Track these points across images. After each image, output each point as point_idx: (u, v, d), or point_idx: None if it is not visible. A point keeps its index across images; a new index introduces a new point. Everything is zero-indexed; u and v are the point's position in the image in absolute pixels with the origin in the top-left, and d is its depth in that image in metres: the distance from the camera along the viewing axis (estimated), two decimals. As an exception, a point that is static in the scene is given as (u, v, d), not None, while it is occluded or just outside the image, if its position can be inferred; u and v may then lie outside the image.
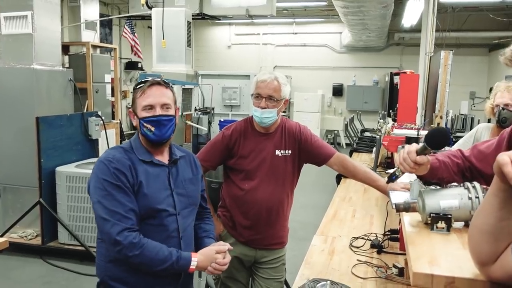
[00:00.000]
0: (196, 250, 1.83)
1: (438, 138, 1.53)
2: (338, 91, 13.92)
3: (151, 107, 1.71)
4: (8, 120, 4.68)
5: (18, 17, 4.55)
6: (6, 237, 4.07)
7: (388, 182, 1.79)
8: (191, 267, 1.65)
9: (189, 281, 1.90)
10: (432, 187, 1.60)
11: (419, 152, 1.50)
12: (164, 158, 1.80)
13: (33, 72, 4.55)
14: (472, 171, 1.59)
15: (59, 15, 4.94)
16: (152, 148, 1.77)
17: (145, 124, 1.71)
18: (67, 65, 5.97)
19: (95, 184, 1.65)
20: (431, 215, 1.45)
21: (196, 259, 1.66)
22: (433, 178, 1.61)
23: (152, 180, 1.71)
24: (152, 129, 1.71)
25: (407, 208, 1.57)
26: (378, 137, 4.64)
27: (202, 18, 9.15)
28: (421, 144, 1.54)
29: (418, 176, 1.63)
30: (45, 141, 4.46)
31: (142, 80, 1.77)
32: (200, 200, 1.94)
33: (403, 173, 1.60)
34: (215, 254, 1.72)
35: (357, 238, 2.70)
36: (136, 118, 1.74)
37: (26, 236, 4.68)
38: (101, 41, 7.93)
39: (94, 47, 6.31)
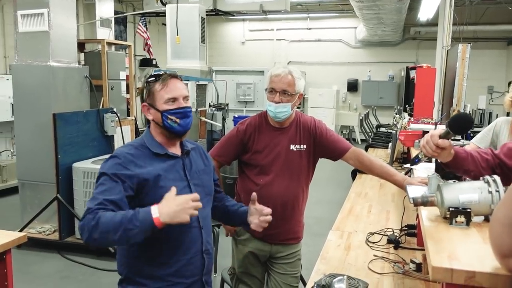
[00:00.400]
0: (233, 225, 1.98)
1: (461, 123, 1.53)
2: (353, 86, 13.81)
3: (174, 99, 1.73)
4: (25, 117, 4.75)
5: (34, 14, 4.60)
6: (24, 232, 4.13)
7: (411, 164, 1.79)
8: (153, 216, 1.49)
9: (212, 269, 1.91)
10: (451, 181, 1.57)
11: (442, 136, 1.50)
12: (176, 150, 1.81)
13: (50, 69, 4.60)
14: (503, 167, 1.58)
15: (74, 13, 4.99)
16: (171, 140, 1.78)
17: (169, 116, 1.71)
18: (83, 62, 6.03)
19: (98, 176, 1.68)
20: (450, 209, 1.42)
21: (155, 206, 1.51)
22: (459, 170, 1.60)
23: (168, 172, 1.71)
24: (178, 120, 1.73)
25: (425, 202, 1.55)
26: (394, 132, 4.58)
27: (216, 14, 9.15)
28: (445, 129, 1.53)
29: (443, 167, 1.61)
30: (62, 138, 4.51)
31: (155, 73, 1.77)
32: (213, 188, 1.95)
33: (426, 156, 1.60)
34: (182, 196, 1.55)
35: (373, 233, 2.68)
36: (155, 111, 1.73)
37: (44, 232, 4.75)
38: (116, 39, 7.98)
39: (109, 44, 6.35)
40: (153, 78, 1.75)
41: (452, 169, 1.61)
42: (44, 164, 4.64)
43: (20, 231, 4.42)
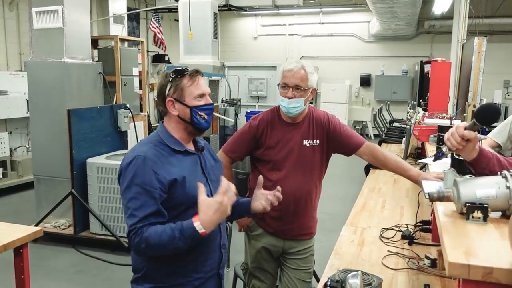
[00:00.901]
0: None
1: (488, 114, 1.49)
2: (366, 81, 13.71)
3: (203, 95, 1.73)
4: (40, 113, 4.80)
5: (49, 11, 4.65)
6: (40, 226, 4.19)
7: (434, 159, 1.75)
8: (200, 231, 1.53)
9: (225, 264, 1.92)
10: (467, 176, 1.55)
11: (467, 128, 1.47)
12: (191, 147, 1.81)
13: (64, 65, 4.65)
14: None
15: (88, 9, 5.02)
16: (192, 137, 1.79)
17: (200, 112, 1.71)
18: (96, 59, 6.07)
19: (125, 186, 1.64)
20: (467, 204, 1.40)
21: (197, 219, 1.54)
22: (484, 169, 1.56)
23: (191, 171, 1.71)
24: (206, 117, 1.74)
25: (441, 197, 1.52)
26: (408, 127, 4.53)
27: (228, 10, 9.15)
28: (471, 122, 1.50)
29: (467, 166, 1.58)
30: (76, 133, 4.56)
31: (178, 69, 1.75)
32: None
33: (450, 150, 1.56)
34: (215, 199, 1.57)
35: (387, 229, 2.66)
36: (183, 107, 1.71)
37: (59, 226, 4.81)
38: (128, 35, 8.02)
39: (122, 40, 6.39)
40: (178, 74, 1.72)
41: (477, 169, 1.56)
42: (59, 159, 4.69)
43: (36, 225, 4.48)
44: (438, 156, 1.68)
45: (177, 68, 1.76)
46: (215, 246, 1.79)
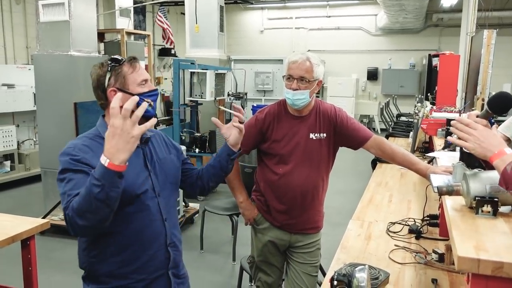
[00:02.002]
0: (223, 175, 1.89)
1: (501, 102, 1.47)
2: (373, 75, 13.63)
3: (146, 81, 1.65)
4: (47, 106, 4.82)
5: (55, 4, 4.65)
6: (47, 219, 4.21)
7: (444, 147, 1.73)
8: (106, 164, 1.32)
9: (180, 262, 1.82)
10: (476, 170, 1.53)
11: (480, 116, 1.45)
12: None
13: (71, 58, 4.65)
14: None
15: (94, 2, 5.02)
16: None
17: (146, 99, 1.58)
18: (102, 52, 6.07)
19: (57, 178, 1.55)
20: (476, 198, 1.39)
21: (103, 155, 1.34)
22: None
23: (129, 165, 1.44)
24: (152, 103, 1.62)
25: (450, 191, 1.51)
26: (416, 121, 4.50)
27: (234, 3, 9.12)
28: (483, 111, 1.48)
29: (480, 162, 1.55)
30: (82, 126, 4.57)
31: (114, 58, 1.64)
32: (180, 175, 1.84)
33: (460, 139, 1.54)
34: (115, 128, 1.34)
35: (394, 223, 2.64)
36: (127, 95, 1.54)
37: (66, 219, 4.83)
38: (135, 28, 8.02)
39: (129, 34, 6.39)
40: (116, 62, 1.62)
41: (488, 162, 1.54)
42: (66, 152, 4.70)
43: (43, 218, 4.51)
44: (449, 143, 1.66)
45: (113, 56, 1.65)
46: (158, 246, 1.68)
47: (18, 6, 8.92)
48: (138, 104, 1.38)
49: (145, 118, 1.48)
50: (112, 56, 1.65)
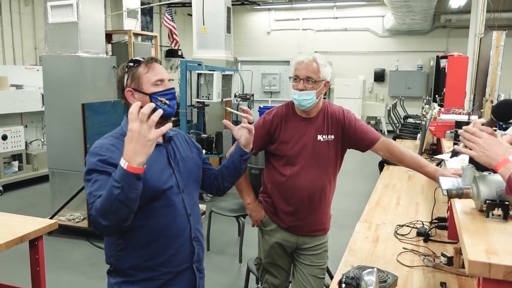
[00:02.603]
0: (238, 175, 1.96)
1: (507, 109, 1.46)
2: (380, 76, 13.58)
3: (161, 81, 1.69)
4: (55, 107, 4.84)
5: (63, 5, 4.67)
6: (55, 219, 4.24)
7: (451, 156, 1.72)
8: (125, 167, 1.38)
9: (203, 257, 1.86)
10: (486, 173, 1.51)
11: (485, 124, 1.44)
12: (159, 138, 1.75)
13: (78, 59, 4.67)
14: None
15: (102, 3, 5.04)
16: (159, 125, 1.60)
17: (160, 98, 1.66)
18: (110, 53, 6.10)
19: (84, 177, 1.61)
20: (487, 201, 1.37)
21: (122, 158, 1.41)
22: None
23: (153, 161, 1.59)
24: (168, 102, 1.68)
25: (460, 194, 1.50)
26: (423, 122, 4.47)
27: (241, 4, 9.12)
28: (488, 119, 1.48)
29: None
30: (90, 127, 4.58)
31: (134, 59, 1.71)
32: (201, 173, 1.90)
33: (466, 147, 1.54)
34: (133, 131, 1.40)
35: (402, 225, 2.62)
36: (142, 95, 1.66)
37: (73, 219, 4.85)
38: (142, 29, 8.05)
39: (136, 35, 6.42)
40: (134, 63, 1.69)
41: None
42: (73, 153, 4.73)
43: (51, 218, 4.53)
44: (455, 153, 1.65)
45: (133, 58, 1.72)
46: (183, 240, 1.73)
47: (27, 8, 8.99)
48: (155, 109, 1.43)
49: (163, 117, 1.55)
50: (132, 58, 1.72)
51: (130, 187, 1.41)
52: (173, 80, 1.84)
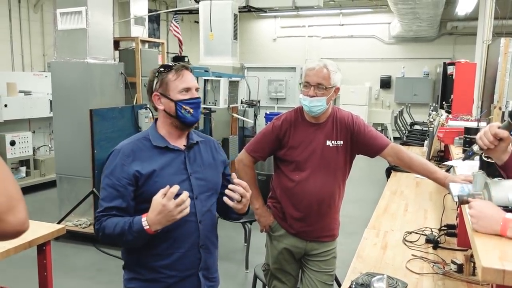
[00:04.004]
0: (229, 218, 2.03)
1: None
2: (386, 83, 13.56)
3: (188, 89, 1.74)
4: (63, 113, 4.87)
5: (73, 12, 4.71)
6: (62, 224, 4.24)
7: (464, 159, 1.71)
8: (145, 228, 1.57)
9: (212, 265, 1.87)
10: (497, 179, 1.50)
11: (501, 127, 1.43)
12: (181, 143, 1.79)
13: (87, 65, 4.70)
14: None
15: (111, 10, 5.08)
16: (181, 131, 1.78)
17: (184, 106, 1.72)
18: (117, 60, 6.13)
19: (103, 176, 1.75)
20: (500, 207, 1.36)
21: (145, 218, 1.58)
22: None
23: (166, 166, 1.72)
24: (191, 111, 1.73)
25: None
26: (431, 129, 4.45)
27: (248, 11, 9.15)
28: (505, 122, 1.48)
29: (498, 169, 1.53)
30: (98, 133, 4.60)
31: (166, 64, 1.77)
32: (221, 182, 1.88)
33: (481, 149, 1.53)
34: (159, 200, 1.55)
35: (410, 232, 2.61)
36: (168, 101, 1.73)
37: (80, 225, 4.86)
38: (149, 36, 8.09)
39: (143, 42, 6.43)
40: (165, 69, 1.74)
41: (509, 172, 1.52)
42: (81, 159, 4.75)
43: (58, 223, 4.54)
44: (469, 155, 1.64)
45: (165, 63, 1.78)
46: (190, 245, 1.75)
47: (36, 15, 9.08)
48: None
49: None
50: (164, 63, 1.78)
51: (142, 239, 1.62)
52: (199, 88, 1.87)
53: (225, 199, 1.73)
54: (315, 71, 2.21)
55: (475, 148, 1.57)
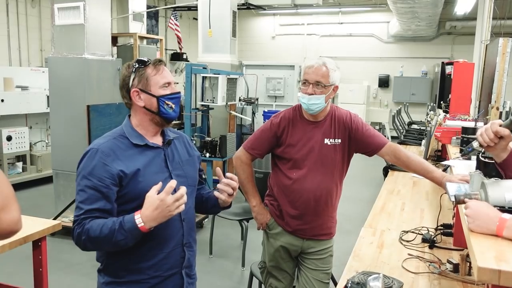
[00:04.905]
0: (206, 212, 1.94)
1: None
2: (384, 82, 13.58)
3: (168, 84, 1.69)
4: (60, 108, 4.85)
5: (70, 8, 4.70)
6: (58, 220, 4.23)
7: (463, 154, 1.71)
8: (139, 225, 1.50)
9: (193, 262, 1.85)
10: (493, 179, 1.50)
11: (503, 125, 1.43)
12: (158, 140, 1.75)
13: (84, 61, 4.69)
14: None
15: (109, 6, 5.06)
16: (160, 128, 1.74)
17: (167, 101, 1.67)
18: (115, 56, 6.12)
19: (76, 179, 1.65)
20: (495, 207, 1.35)
21: (139, 215, 1.52)
22: None
23: (148, 164, 1.66)
24: (173, 106, 1.69)
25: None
26: (428, 129, 4.46)
27: (247, 8, 9.14)
28: (507, 120, 1.47)
29: (497, 168, 1.53)
30: (95, 129, 4.59)
31: (141, 59, 1.70)
32: (197, 179, 1.89)
33: (481, 146, 1.52)
34: (155, 196, 1.52)
35: (407, 231, 2.61)
36: (149, 97, 1.67)
37: (76, 221, 4.85)
38: (147, 33, 8.08)
39: (141, 38, 6.43)
40: (141, 63, 1.68)
41: (508, 171, 1.51)
42: (78, 154, 4.62)
43: (54, 219, 4.53)
44: (468, 151, 1.63)
45: (140, 58, 1.72)
46: (175, 244, 1.72)
47: (34, 10, 9.03)
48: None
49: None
50: (139, 58, 1.71)
51: (134, 238, 1.54)
52: (177, 83, 1.85)
53: (216, 193, 1.73)
54: (314, 69, 2.20)
55: (475, 144, 1.57)
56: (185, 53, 11.99)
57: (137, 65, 1.68)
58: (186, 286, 1.78)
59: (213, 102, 6.00)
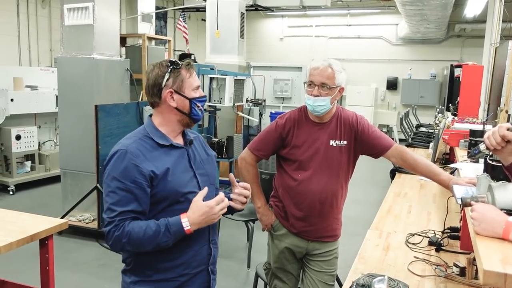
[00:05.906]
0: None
1: None
2: (392, 84, 13.50)
3: (198, 87, 1.75)
4: (69, 108, 4.89)
5: (80, 8, 4.73)
6: (65, 219, 4.26)
7: (469, 156, 1.70)
8: (185, 228, 1.59)
9: (216, 261, 1.89)
10: (501, 182, 1.49)
11: (511, 129, 1.42)
12: (179, 140, 1.79)
13: (93, 61, 4.72)
14: None
15: (118, 7, 5.09)
16: (184, 128, 1.79)
17: (198, 104, 1.73)
18: (124, 56, 6.14)
19: (105, 180, 1.65)
20: (503, 211, 1.34)
21: (186, 218, 1.60)
22: None
23: (175, 164, 1.70)
24: (202, 108, 1.76)
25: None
26: (436, 131, 4.43)
27: (255, 10, 9.14)
28: None
29: (505, 171, 1.52)
30: (102, 129, 4.61)
31: (174, 60, 1.72)
32: (216, 177, 1.94)
33: (488, 149, 1.51)
34: (207, 203, 1.61)
35: (413, 234, 2.59)
36: (183, 98, 1.70)
37: (83, 220, 4.88)
38: (156, 33, 8.10)
39: (150, 39, 6.45)
40: (176, 65, 1.70)
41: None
42: (86, 154, 4.77)
43: (61, 218, 4.56)
44: (474, 153, 1.63)
45: (171, 59, 1.73)
46: (203, 242, 1.77)
47: (44, 10, 9.11)
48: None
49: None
50: (171, 59, 1.74)
51: (176, 240, 1.62)
52: None
53: (232, 204, 1.76)
54: (319, 71, 2.19)
55: (482, 147, 1.56)
56: (193, 54, 12.03)
57: (172, 66, 1.70)
58: (211, 282, 1.84)
59: (220, 103, 6.01)
